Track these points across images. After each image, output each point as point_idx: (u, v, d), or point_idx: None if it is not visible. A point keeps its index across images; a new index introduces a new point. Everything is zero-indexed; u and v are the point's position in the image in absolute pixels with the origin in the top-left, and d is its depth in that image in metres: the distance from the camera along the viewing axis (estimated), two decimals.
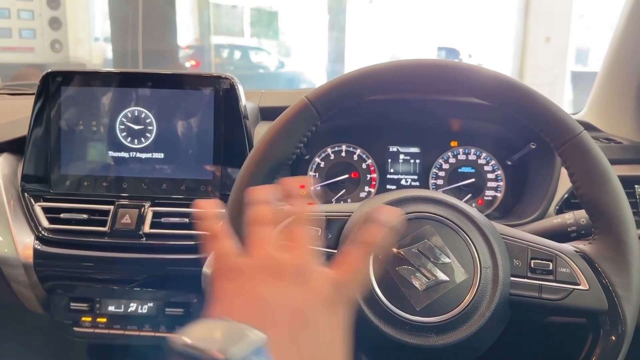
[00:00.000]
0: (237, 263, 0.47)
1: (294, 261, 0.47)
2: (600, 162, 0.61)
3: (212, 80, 0.89)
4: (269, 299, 0.44)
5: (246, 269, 0.46)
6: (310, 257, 0.48)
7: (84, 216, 0.88)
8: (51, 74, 0.90)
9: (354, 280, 0.48)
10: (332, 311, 0.46)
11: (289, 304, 0.44)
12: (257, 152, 0.66)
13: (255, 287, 0.45)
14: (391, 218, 0.51)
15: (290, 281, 0.46)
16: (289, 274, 0.46)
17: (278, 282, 0.45)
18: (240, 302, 0.44)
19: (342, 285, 0.47)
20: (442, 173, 1.02)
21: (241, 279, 0.46)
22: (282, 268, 0.46)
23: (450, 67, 0.65)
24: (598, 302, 0.60)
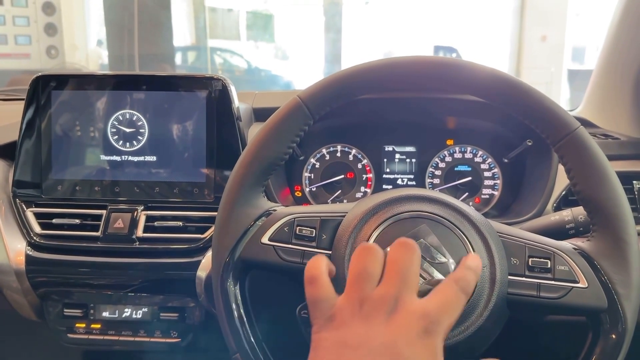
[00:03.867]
0: (331, 310, 0.48)
1: (387, 295, 0.47)
2: (597, 158, 0.60)
3: (204, 81, 0.88)
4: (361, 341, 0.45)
5: (340, 313, 0.48)
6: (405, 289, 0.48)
7: (77, 221, 0.87)
8: (41, 78, 0.89)
9: (445, 313, 0.48)
10: (424, 343, 0.46)
11: (377, 343, 0.45)
12: (249, 153, 0.66)
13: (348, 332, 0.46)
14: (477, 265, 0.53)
15: (380, 319, 0.46)
16: (382, 309, 0.47)
17: (369, 322, 0.46)
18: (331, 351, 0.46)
19: (433, 317, 0.47)
20: (439, 172, 1.01)
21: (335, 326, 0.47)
22: (374, 305, 0.47)
23: (444, 64, 0.64)
24: (597, 300, 0.59)
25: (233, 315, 0.63)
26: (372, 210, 0.63)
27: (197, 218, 0.87)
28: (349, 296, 0.48)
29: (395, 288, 0.48)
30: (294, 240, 0.64)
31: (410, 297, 0.48)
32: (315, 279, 0.50)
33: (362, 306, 0.47)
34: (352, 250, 0.61)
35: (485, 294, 0.58)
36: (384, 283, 0.48)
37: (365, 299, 0.47)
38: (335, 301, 0.49)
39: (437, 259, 0.59)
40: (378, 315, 0.46)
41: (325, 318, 0.48)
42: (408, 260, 0.49)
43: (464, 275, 0.51)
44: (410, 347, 0.45)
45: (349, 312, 0.47)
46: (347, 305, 0.48)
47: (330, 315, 0.48)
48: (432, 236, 0.60)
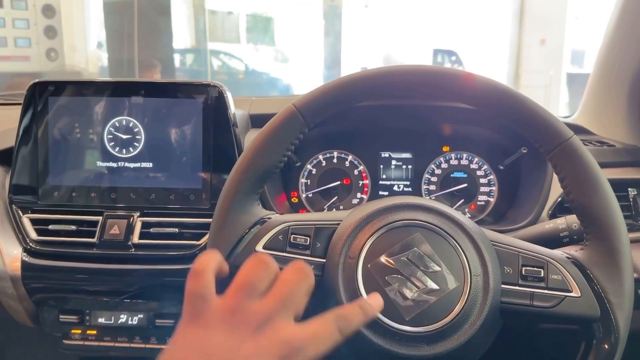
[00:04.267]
0: (204, 308, 0.47)
1: (261, 312, 0.47)
2: (590, 167, 0.61)
3: (200, 88, 0.88)
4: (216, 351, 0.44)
5: (210, 315, 0.47)
6: (282, 310, 0.47)
7: (73, 227, 0.87)
8: (38, 84, 0.90)
9: (314, 346, 0.47)
10: None
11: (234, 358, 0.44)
12: (244, 160, 0.66)
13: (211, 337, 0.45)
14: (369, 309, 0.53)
15: (246, 334, 0.45)
16: (251, 325, 0.46)
17: (234, 334, 0.45)
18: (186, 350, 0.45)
19: (296, 346, 0.46)
20: (435, 178, 1.01)
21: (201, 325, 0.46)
22: (245, 317, 0.46)
23: (438, 74, 0.64)
24: (590, 309, 0.59)
25: None
26: (366, 219, 0.63)
27: (193, 224, 0.87)
28: (225, 302, 0.47)
29: (273, 308, 0.47)
30: (288, 248, 0.64)
31: (284, 320, 0.47)
32: (199, 274, 0.49)
33: (233, 315, 0.46)
34: (345, 258, 0.61)
35: (479, 302, 0.58)
36: (265, 300, 0.48)
37: (239, 309, 0.47)
38: (210, 301, 0.48)
39: (430, 267, 0.59)
40: (246, 329, 0.46)
41: (194, 314, 0.47)
42: (296, 284, 0.49)
43: (348, 315, 0.51)
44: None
45: (219, 316, 0.46)
46: (220, 310, 0.47)
47: (201, 313, 0.47)
48: (426, 245, 0.61)
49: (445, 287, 0.58)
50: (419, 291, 0.58)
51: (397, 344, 0.57)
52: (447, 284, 0.59)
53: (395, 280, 0.59)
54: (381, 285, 0.59)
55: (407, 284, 0.58)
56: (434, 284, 0.58)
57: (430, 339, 0.57)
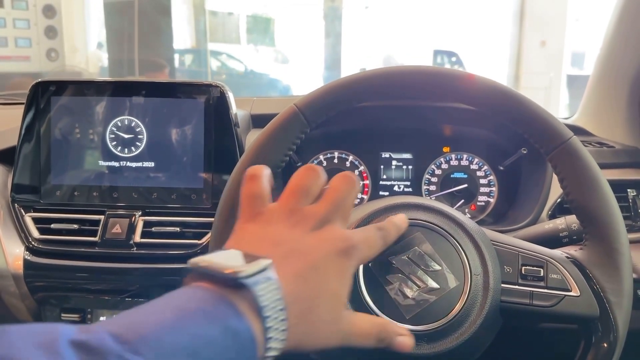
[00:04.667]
0: (262, 207, 0.50)
1: (317, 213, 0.50)
2: (590, 168, 0.61)
3: (202, 88, 0.89)
4: (283, 240, 0.48)
5: (270, 213, 0.50)
6: (335, 214, 0.51)
7: (75, 226, 0.88)
8: (40, 84, 0.90)
9: (367, 248, 0.51)
10: (339, 261, 0.48)
11: (301, 247, 0.47)
12: (246, 160, 0.66)
13: (273, 230, 0.48)
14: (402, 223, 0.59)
15: (307, 230, 0.48)
16: (308, 223, 0.49)
17: (295, 228, 0.48)
18: (254, 240, 0.48)
19: (354, 242, 0.49)
20: (435, 179, 1.01)
21: (261, 221, 0.49)
22: (303, 217, 0.49)
23: (438, 74, 0.65)
24: (589, 308, 0.59)
25: None
26: (366, 219, 0.64)
27: (194, 224, 0.88)
28: (281, 204, 0.50)
29: (327, 211, 0.50)
30: None
31: (337, 223, 0.51)
32: (256, 177, 0.52)
33: (291, 215, 0.49)
34: None
35: (479, 301, 0.59)
36: (318, 203, 0.51)
37: (296, 210, 0.49)
38: (266, 202, 0.51)
39: (431, 267, 0.60)
40: (304, 226, 0.48)
41: (253, 213, 0.50)
42: (346, 191, 0.52)
43: (388, 227, 0.56)
44: (325, 260, 0.47)
45: (277, 215, 0.49)
46: (278, 210, 0.50)
47: (259, 212, 0.50)
48: (426, 244, 0.61)
49: (445, 286, 0.59)
50: (420, 290, 0.59)
51: None
52: (448, 283, 0.59)
53: (395, 279, 0.59)
54: (382, 284, 0.59)
55: (407, 282, 0.59)
56: (434, 283, 0.59)
57: (430, 337, 0.57)
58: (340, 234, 0.50)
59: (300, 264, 0.46)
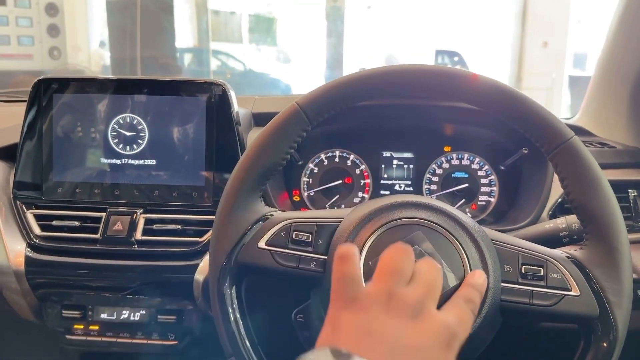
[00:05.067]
0: (357, 292, 0.49)
1: (414, 297, 0.48)
2: (590, 167, 0.61)
3: (204, 86, 0.89)
4: (384, 332, 0.46)
5: (366, 299, 0.48)
6: (430, 297, 0.50)
7: (76, 223, 0.88)
8: (43, 81, 0.90)
9: (461, 328, 0.50)
10: (446, 355, 0.47)
11: (402, 342, 0.45)
12: (247, 158, 0.66)
13: (371, 320, 0.47)
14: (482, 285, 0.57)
15: (406, 319, 0.47)
16: (407, 309, 0.47)
17: (394, 318, 0.47)
18: (352, 332, 0.46)
19: (453, 330, 0.49)
20: (436, 178, 1.02)
21: (358, 309, 0.47)
22: (401, 302, 0.48)
23: (440, 73, 0.65)
24: (589, 307, 0.59)
25: (229, 318, 0.64)
26: (368, 217, 0.64)
27: (195, 221, 0.88)
28: (378, 286, 0.49)
29: (423, 294, 0.49)
30: (290, 245, 0.65)
31: (433, 306, 0.49)
32: (348, 257, 0.50)
33: (390, 300, 0.47)
34: None
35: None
36: (413, 286, 0.49)
37: (394, 294, 0.48)
38: (361, 285, 0.49)
39: None
40: (404, 314, 0.47)
41: (348, 298, 0.48)
42: (436, 273, 0.52)
43: (471, 296, 0.55)
44: (429, 356, 0.46)
45: (375, 300, 0.48)
46: (375, 294, 0.48)
47: (355, 296, 0.48)
48: (427, 243, 0.61)
49: (445, 285, 0.59)
50: None
51: None
52: (448, 281, 0.59)
53: None
54: None
55: None
56: None
57: None
58: (439, 322, 0.48)
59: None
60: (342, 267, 0.50)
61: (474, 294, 0.55)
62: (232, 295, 0.65)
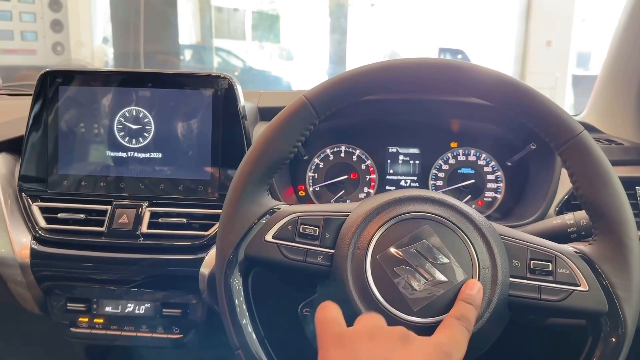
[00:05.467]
0: (342, 330, 0.51)
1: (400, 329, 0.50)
2: (600, 163, 0.61)
3: (210, 80, 0.89)
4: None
5: (352, 333, 0.50)
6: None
7: (82, 216, 0.88)
8: (49, 74, 0.90)
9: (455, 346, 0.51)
10: None
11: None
12: (254, 151, 0.66)
13: (359, 350, 0.48)
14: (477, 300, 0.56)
15: (394, 345, 0.48)
16: (393, 339, 0.49)
17: (382, 347, 0.48)
18: None
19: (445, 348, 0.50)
20: (442, 174, 1.01)
21: (345, 343, 0.49)
22: (386, 334, 0.49)
23: (449, 67, 0.64)
24: (598, 303, 0.59)
25: (236, 311, 0.63)
26: (375, 210, 0.63)
27: (201, 215, 0.88)
28: (363, 323, 0.51)
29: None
30: (297, 238, 0.64)
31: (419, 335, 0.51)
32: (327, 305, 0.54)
33: (375, 332, 0.49)
34: (354, 249, 0.61)
35: (487, 295, 0.59)
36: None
37: (379, 327, 0.50)
38: (344, 325, 0.51)
39: (439, 259, 0.59)
40: (391, 340, 0.48)
41: (335, 336, 0.50)
42: None
43: (465, 313, 0.55)
44: None
45: (362, 334, 0.49)
46: (360, 329, 0.50)
47: (341, 334, 0.50)
48: (435, 237, 0.61)
49: (453, 279, 0.59)
50: (427, 283, 0.58)
51: None
52: (456, 276, 0.59)
53: (403, 272, 0.59)
54: (389, 277, 0.59)
55: (415, 275, 0.59)
56: (442, 275, 0.59)
57: None
58: (431, 343, 0.49)
59: None
60: (324, 311, 0.53)
61: (468, 310, 0.55)
62: (239, 289, 0.64)
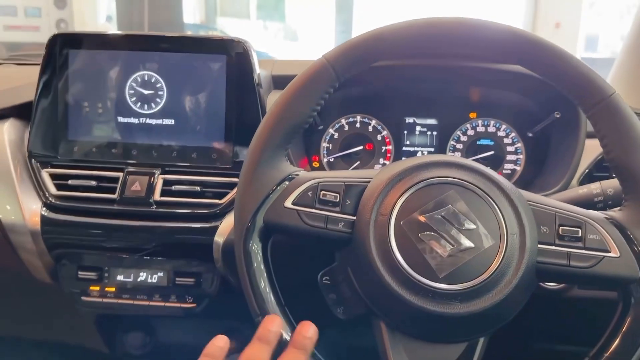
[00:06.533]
0: None
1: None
2: (633, 124, 0.58)
3: (224, 43, 0.86)
4: None
5: None
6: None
7: (93, 183, 0.86)
8: (58, 36, 0.88)
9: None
10: None
11: None
12: (273, 115, 0.64)
13: None
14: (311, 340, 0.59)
15: None
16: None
17: None
18: None
19: None
20: (460, 145, 0.99)
21: None
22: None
23: (473, 25, 0.62)
24: (629, 269, 0.57)
25: (256, 278, 0.62)
26: (398, 176, 0.61)
27: (215, 183, 0.86)
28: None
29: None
30: (317, 205, 0.62)
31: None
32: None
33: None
34: (377, 215, 0.59)
35: (514, 262, 0.57)
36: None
37: None
38: None
39: (465, 225, 0.58)
40: None
41: None
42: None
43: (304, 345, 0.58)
44: None
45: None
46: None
47: None
48: (461, 202, 0.59)
49: (480, 245, 0.57)
50: (454, 249, 0.57)
51: (430, 302, 0.56)
52: (483, 242, 0.57)
53: (429, 238, 0.57)
54: (414, 243, 0.57)
55: (441, 241, 0.57)
56: (469, 242, 0.57)
57: (464, 296, 0.56)
58: None
59: None
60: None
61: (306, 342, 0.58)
62: (258, 255, 0.63)
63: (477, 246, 0.57)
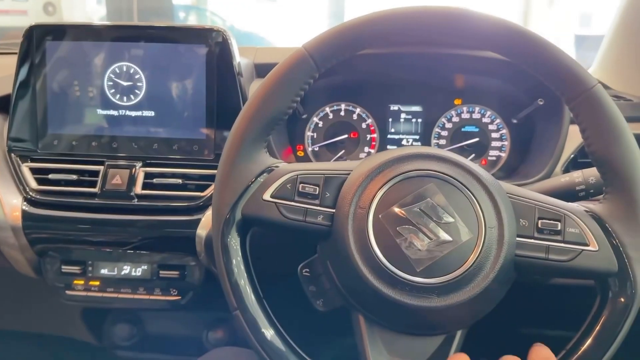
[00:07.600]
0: None
1: None
2: (614, 117, 0.58)
3: (203, 33, 0.84)
4: None
5: None
6: None
7: (74, 177, 0.85)
8: (35, 28, 0.86)
9: None
10: None
11: None
12: (251, 107, 0.63)
13: None
14: None
15: None
16: None
17: None
18: None
19: None
20: (445, 132, 0.98)
21: None
22: None
23: (456, 14, 0.60)
24: (608, 263, 0.57)
25: (233, 272, 0.61)
26: (378, 168, 0.61)
27: (196, 176, 0.85)
28: None
29: None
30: (296, 197, 0.62)
31: None
32: None
33: None
34: (356, 208, 0.59)
35: (492, 255, 0.57)
36: None
37: None
38: None
39: (443, 219, 0.57)
40: None
41: None
42: None
43: None
44: None
45: None
46: None
47: None
48: (440, 195, 0.59)
49: (458, 239, 0.57)
50: (431, 242, 0.56)
51: (407, 295, 0.56)
52: (461, 235, 0.57)
53: (407, 231, 0.57)
54: (392, 236, 0.57)
55: (419, 235, 0.57)
56: (447, 235, 0.57)
57: (441, 290, 0.56)
58: None
59: None
60: None
61: None
62: (237, 249, 0.62)
63: (455, 239, 0.57)
